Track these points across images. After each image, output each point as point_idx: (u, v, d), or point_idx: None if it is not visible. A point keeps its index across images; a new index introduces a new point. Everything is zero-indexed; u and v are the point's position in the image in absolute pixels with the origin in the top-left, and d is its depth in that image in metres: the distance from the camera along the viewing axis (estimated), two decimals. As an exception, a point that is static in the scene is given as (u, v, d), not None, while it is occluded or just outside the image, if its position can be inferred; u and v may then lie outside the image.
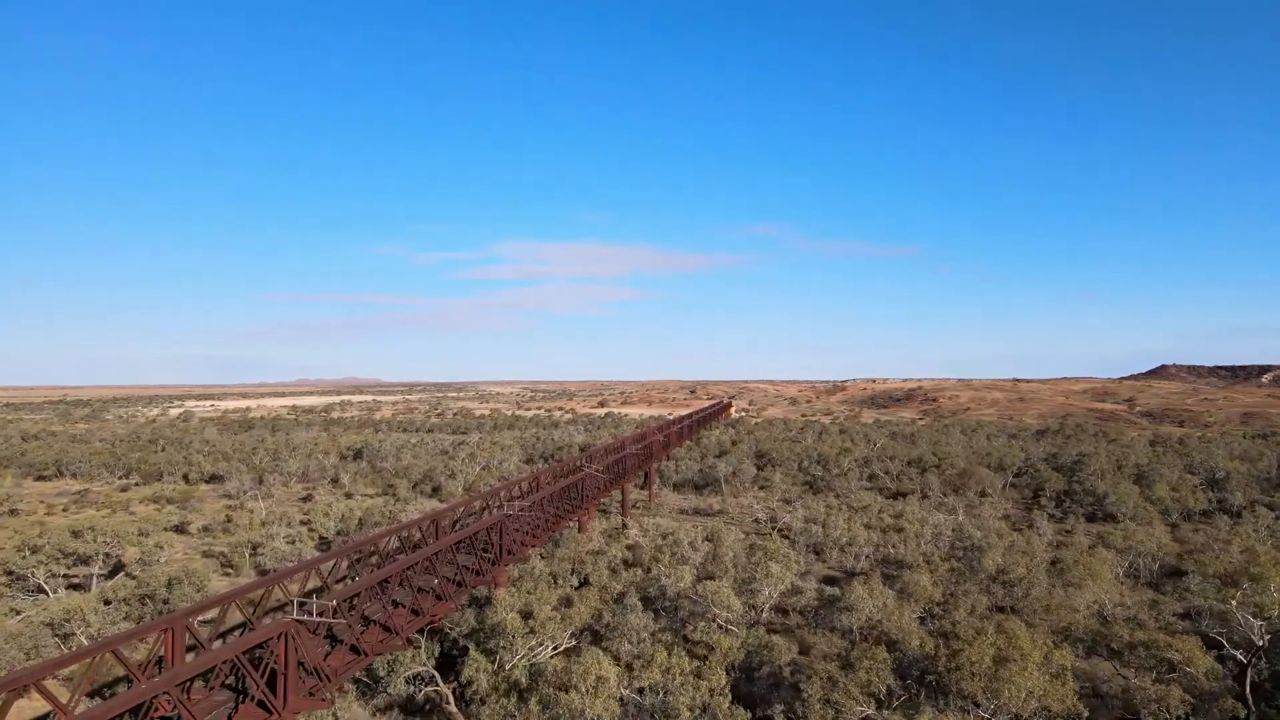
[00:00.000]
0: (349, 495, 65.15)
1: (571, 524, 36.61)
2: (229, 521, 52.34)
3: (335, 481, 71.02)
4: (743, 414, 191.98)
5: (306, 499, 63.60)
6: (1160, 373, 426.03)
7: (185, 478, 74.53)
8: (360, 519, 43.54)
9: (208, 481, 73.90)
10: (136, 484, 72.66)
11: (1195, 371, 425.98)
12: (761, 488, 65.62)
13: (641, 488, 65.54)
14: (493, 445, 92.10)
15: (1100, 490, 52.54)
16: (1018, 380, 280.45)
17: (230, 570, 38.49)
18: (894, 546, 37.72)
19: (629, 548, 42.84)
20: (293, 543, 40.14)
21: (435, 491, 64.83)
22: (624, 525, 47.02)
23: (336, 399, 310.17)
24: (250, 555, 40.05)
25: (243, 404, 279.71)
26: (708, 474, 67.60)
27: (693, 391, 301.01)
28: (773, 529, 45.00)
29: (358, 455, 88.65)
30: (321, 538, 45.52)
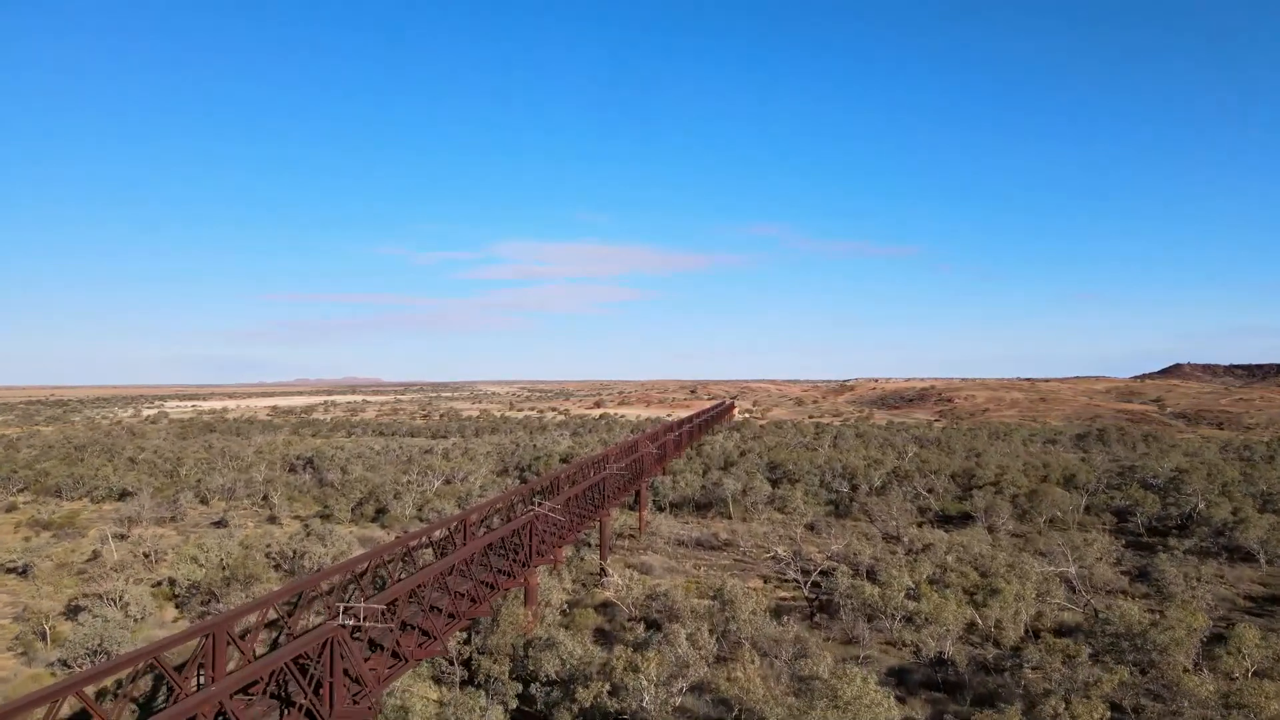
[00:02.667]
0: (273, 519, 53.33)
1: (513, 590, 24.75)
2: (96, 559, 40.53)
3: (265, 499, 59.11)
4: (746, 415, 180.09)
5: (220, 524, 51.76)
6: (1175, 372, 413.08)
7: (91, 494, 62.75)
8: (228, 573, 31.53)
9: (120, 498, 62.07)
10: (29, 501, 60.83)
11: (1210, 370, 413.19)
12: (779, 509, 53.77)
13: (632, 507, 53.70)
14: (464, 453, 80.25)
15: (1219, 519, 40.67)
16: (1035, 380, 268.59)
17: (24, 654, 26.65)
18: (985, 614, 25.87)
19: (604, 607, 31.02)
20: (129, 609, 28.32)
21: (379, 514, 53.02)
22: (601, 573, 35.12)
23: (322, 399, 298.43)
24: (69, 624, 28.26)
25: (225, 404, 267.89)
26: (712, 492, 55.76)
27: (693, 392, 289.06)
28: (804, 581, 33.06)
29: (309, 464, 76.86)
30: (192, 585, 33.65)
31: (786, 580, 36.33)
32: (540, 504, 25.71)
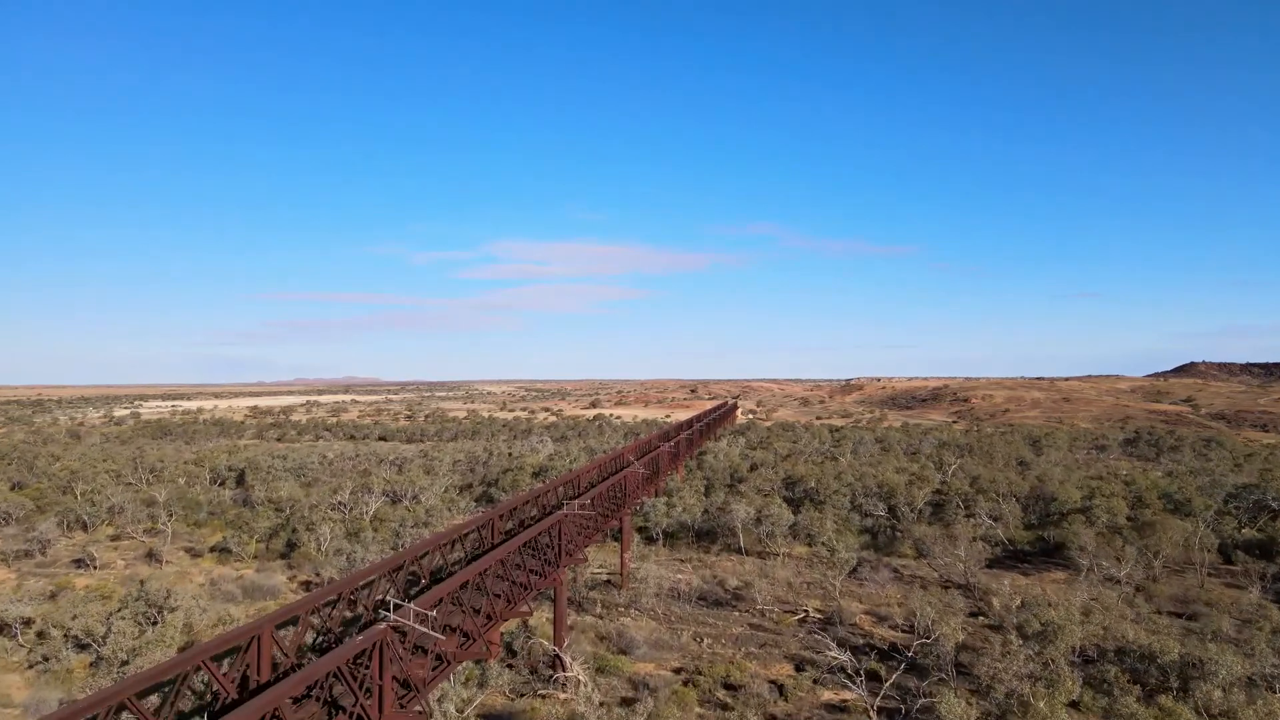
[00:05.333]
0: (150, 554, 41.66)
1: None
2: None
3: (157, 525, 47.40)
4: (751, 417, 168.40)
5: (79, 563, 40.11)
6: (1190, 370, 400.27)
7: (-48, 517, 51.06)
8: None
9: (-11, 522, 50.43)
10: None
11: (1226, 369, 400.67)
12: (804, 541, 42.11)
13: (616, 536, 41.99)
14: (424, 464, 68.54)
15: None
16: (1054, 379, 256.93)
17: None
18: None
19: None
20: None
21: (290, 550, 41.35)
22: (556, 666, 23.42)
23: (305, 399, 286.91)
24: None
25: (205, 405, 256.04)
26: (716, 518, 44.13)
27: (693, 391, 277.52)
28: (860, 674, 21.27)
29: (240, 478, 65.34)
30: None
31: (827, 665, 24.61)
32: (394, 605, 13.89)
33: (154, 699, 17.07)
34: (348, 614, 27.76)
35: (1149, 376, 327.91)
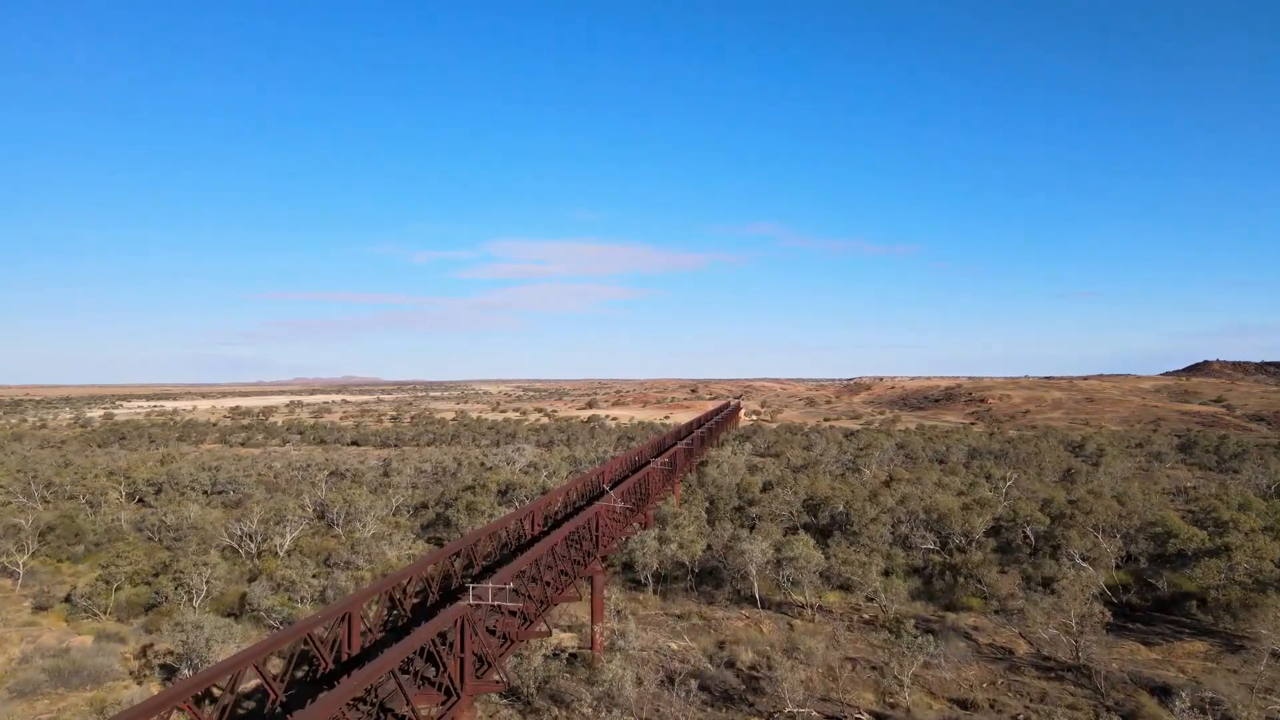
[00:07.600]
0: (-28, 611, 31.57)
1: None
2: None
3: (13, 560, 37.31)
4: (755, 418, 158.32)
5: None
6: (1204, 369, 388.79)
7: None
8: None
9: None
10: None
11: (1241, 368, 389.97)
12: (840, 585, 32.00)
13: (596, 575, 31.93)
14: (381, 477, 58.51)
15: None
16: (1074, 378, 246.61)
17: None
18: None
19: None
20: None
21: (153, 606, 31.25)
22: None
23: (289, 399, 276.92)
24: None
25: (184, 405, 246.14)
26: (721, 557, 34.08)
27: (694, 391, 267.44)
28: None
29: (158, 493, 55.42)
30: None
31: None
32: None
33: None
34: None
35: (1166, 375, 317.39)
